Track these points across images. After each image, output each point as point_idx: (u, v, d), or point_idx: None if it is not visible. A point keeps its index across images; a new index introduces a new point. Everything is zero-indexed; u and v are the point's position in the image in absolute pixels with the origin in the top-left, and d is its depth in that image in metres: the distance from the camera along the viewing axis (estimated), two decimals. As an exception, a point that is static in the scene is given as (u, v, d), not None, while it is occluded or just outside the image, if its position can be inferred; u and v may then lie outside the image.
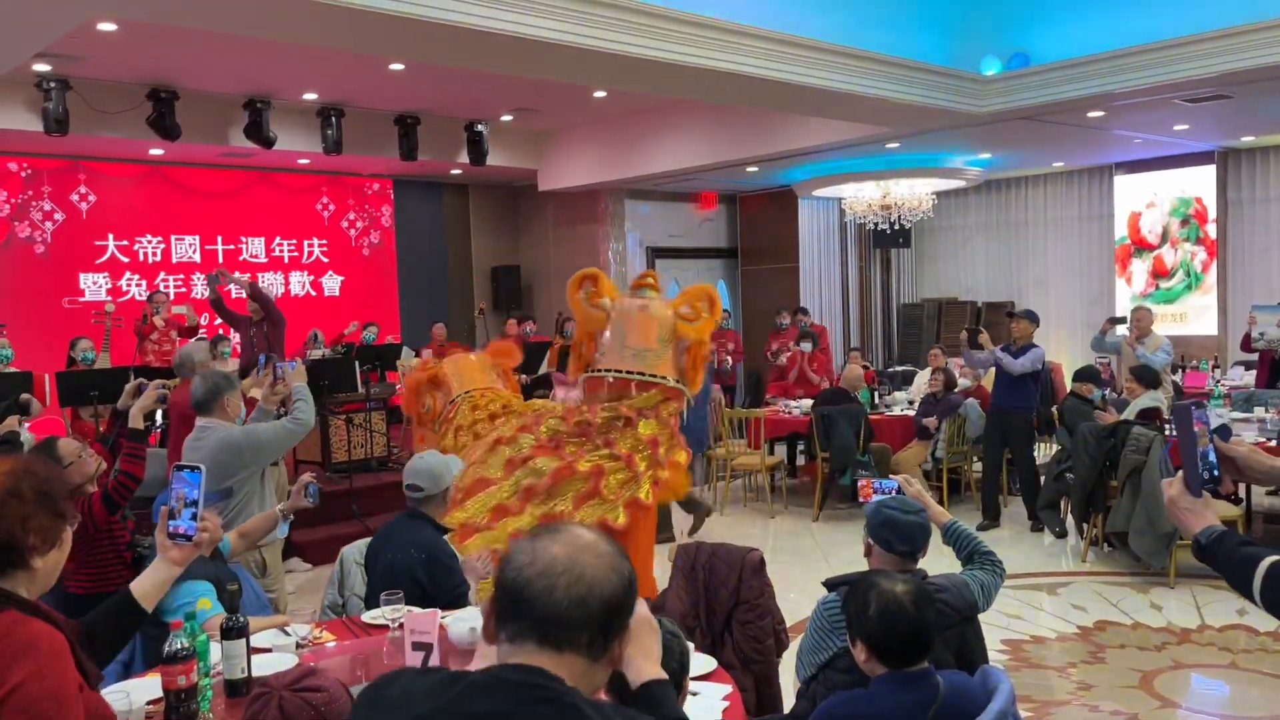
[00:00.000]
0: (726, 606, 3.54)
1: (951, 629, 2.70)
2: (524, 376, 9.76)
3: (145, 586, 2.17)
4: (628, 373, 4.56)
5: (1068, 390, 8.21)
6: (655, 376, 4.55)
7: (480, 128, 10.76)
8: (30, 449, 3.94)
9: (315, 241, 12.17)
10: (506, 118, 10.90)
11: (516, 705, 1.36)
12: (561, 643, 1.41)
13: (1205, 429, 1.97)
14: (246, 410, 4.62)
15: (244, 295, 8.59)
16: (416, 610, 3.16)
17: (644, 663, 1.60)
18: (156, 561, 2.20)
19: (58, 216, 10.35)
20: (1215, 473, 1.98)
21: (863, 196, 12.36)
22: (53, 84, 8.19)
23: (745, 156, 10.54)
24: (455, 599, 3.45)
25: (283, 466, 6.62)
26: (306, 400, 4.39)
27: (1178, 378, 9.68)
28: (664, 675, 1.62)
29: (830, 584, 2.83)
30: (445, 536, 3.68)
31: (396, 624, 3.00)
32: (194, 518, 2.18)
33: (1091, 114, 8.75)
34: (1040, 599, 5.99)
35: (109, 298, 10.38)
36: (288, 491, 4.16)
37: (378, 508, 7.31)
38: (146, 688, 2.63)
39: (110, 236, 10.69)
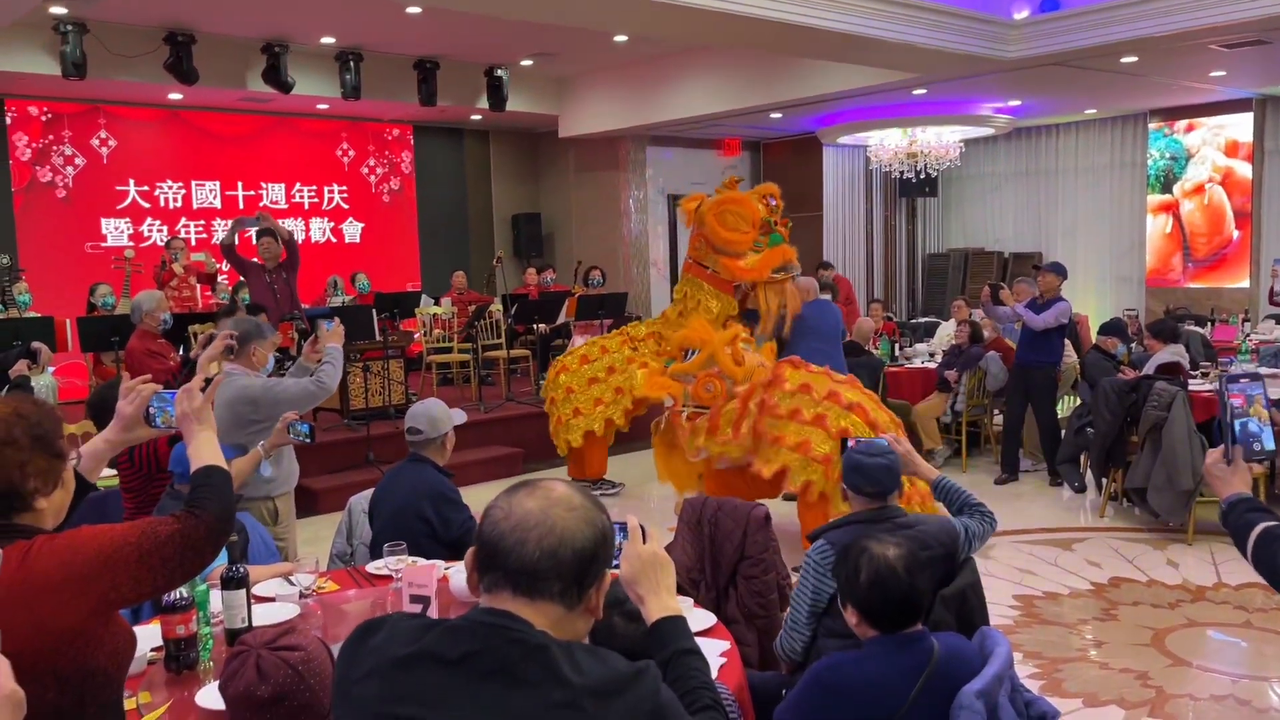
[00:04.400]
0: (731, 561, 3.52)
1: (953, 594, 2.66)
2: (543, 326, 9.75)
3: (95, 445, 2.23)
4: None
5: (1093, 343, 8.09)
6: None
7: (500, 73, 10.63)
8: (104, 386, 3.86)
9: (335, 188, 12.15)
10: (526, 62, 10.76)
11: (486, 645, 1.42)
12: (534, 591, 1.47)
13: (1246, 399, 2.02)
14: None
15: (268, 240, 8.38)
16: (420, 561, 3.18)
17: (654, 601, 1.70)
18: (113, 424, 2.24)
19: (79, 161, 10.36)
20: (1259, 444, 2.01)
21: (889, 144, 12.16)
22: (69, 27, 8.14)
23: (769, 102, 10.37)
24: (464, 534, 3.51)
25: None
26: (335, 364, 4.35)
27: (1206, 331, 9.52)
28: (675, 611, 1.70)
29: (814, 535, 2.89)
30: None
31: (399, 575, 3.02)
32: (167, 427, 2.21)
33: (1125, 59, 8.51)
34: (1056, 554, 5.95)
35: (130, 243, 10.42)
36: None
37: (395, 455, 7.32)
38: (148, 635, 2.65)
39: (131, 182, 10.70)
